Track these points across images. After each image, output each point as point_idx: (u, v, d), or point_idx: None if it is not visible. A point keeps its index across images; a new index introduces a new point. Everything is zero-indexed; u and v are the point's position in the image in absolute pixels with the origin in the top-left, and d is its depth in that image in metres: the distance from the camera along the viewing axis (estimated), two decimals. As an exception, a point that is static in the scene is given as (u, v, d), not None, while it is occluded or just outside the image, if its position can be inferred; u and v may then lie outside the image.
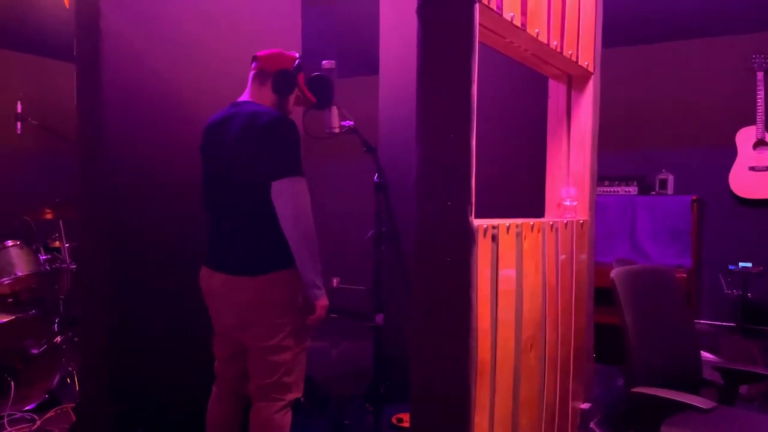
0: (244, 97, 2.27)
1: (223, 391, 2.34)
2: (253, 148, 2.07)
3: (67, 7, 3.46)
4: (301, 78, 2.28)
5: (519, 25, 1.76)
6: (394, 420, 3.12)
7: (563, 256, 2.13)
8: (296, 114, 2.43)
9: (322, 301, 2.16)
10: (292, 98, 2.28)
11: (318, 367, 4.06)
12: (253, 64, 2.27)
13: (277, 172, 2.04)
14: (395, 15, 3.54)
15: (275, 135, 2.08)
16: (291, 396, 2.18)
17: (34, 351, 3.36)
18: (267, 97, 2.23)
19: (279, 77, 2.21)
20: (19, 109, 3.77)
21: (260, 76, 2.24)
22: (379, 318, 2.77)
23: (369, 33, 3.73)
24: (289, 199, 2.04)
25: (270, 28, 3.13)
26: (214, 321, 2.29)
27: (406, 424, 3.07)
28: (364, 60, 4.11)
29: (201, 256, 2.69)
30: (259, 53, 2.26)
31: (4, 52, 5.08)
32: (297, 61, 2.26)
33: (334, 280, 6.17)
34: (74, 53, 2.46)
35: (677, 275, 2.70)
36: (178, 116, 2.70)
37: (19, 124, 3.76)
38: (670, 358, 2.25)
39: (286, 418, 2.18)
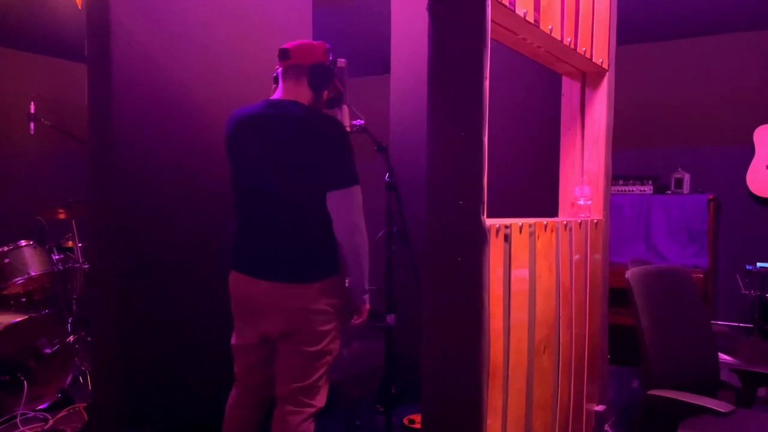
0: (279, 94, 2.12)
1: (245, 397, 2.25)
2: (309, 154, 1.97)
3: (80, 7, 3.47)
4: (336, 69, 2.18)
5: (532, 21, 1.73)
6: (405, 421, 3.10)
7: (577, 257, 2.10)
8: None
9: (366, 306, 2.17)
10: (325, 93, 2.18)
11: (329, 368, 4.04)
12: (284, 59, 2.12)
13: (337, 181, 1.97)
14: (406, 14, 3.52)
15: (334, 142, 1.99)
16: (319, 402, 2.12)
17: (47, 350, 3.37)
18: (304, 94, 2.10)
19: (315, 71, 2.09)
20: (32, 109, 3.79)
21: (295, 71, 2.09)
22: (390, 318, 2.75)
23: (380, 32, 3.71)
24: (350, 209, 1.99)
25: (280, 26, 3.12)
26: (243, 328, 2.18)
27: (418, 426, 3.04)
28: (375, 59, 4.09)
29: (211, 255, 2.69)
30: (289, 45, 2.11)
31: (17, 53, 5.12)
32: (329, 52, 2.13)
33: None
34: (85, 53, 2.46)
35: (694, 276, 2.65)
36: (188, 115, 2.70)
37: (32, 125, 3.78)
38: (688, 360, 2.21)
39: (311, 428, 2.12)
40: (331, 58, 2.14)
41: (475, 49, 1.48)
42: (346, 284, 2.13)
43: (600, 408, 2.40)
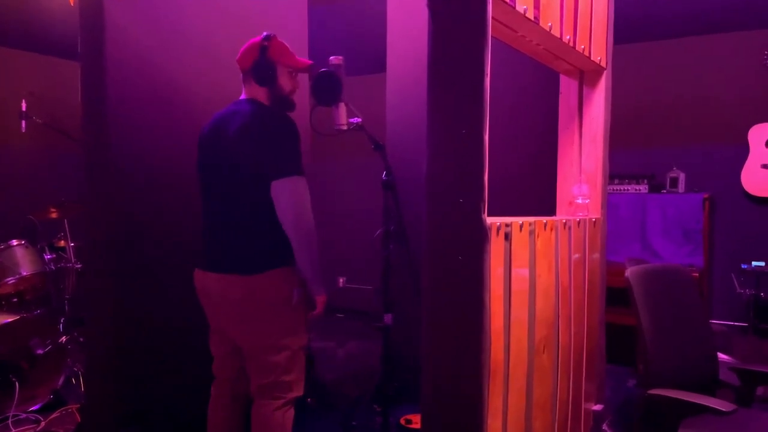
0: (242, 95, 2.24)
1: (221, 393, 2.31)
2: (252, 147, 2.04)
3: (72, 4, 3.44)
4: (277, 53, 2.17)
5: (532, 18, 1.72)
6: (402, 421, 3.08)
7: (577, 255, 2.09)
8: (303, 101, 2.39)
9: (322, 297, 2.17)
10: (282, 80, 2.20)
11: (325, 368, 4.03)
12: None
13: (277, 171, 2.03)
14: (402, 11, 3.50)
15: (275, 134, 2.05)
16: (292, 394, 2.16)
17: (39, 351, 3.33)
18: (259, 93, 2.19)
19: (255, 71, 2.16)
20: (23, 107, 3.75)
21: (245, 77, 2.21)
22: (388, 318, 2.73)
23: (376, 30, 3.70)
24: (290, 198, 2.03)
25: (276, 25, 3.09)
26: (209, 319, 2.27)
27: (415, 426, 3.03)
28: (371, 58, 4.07)
29: (207, 255, 2.66)
30: (237, 56, 2.21)
31: (8, 50, 5.07)
32: (262, 43, 2.15)
33: (341, 280, 6.15)
34: (79, 51, 2.43)
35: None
36: (183, 114, 2.68)
37: (23, 123, 3.75)
38: (687, 360, 2.20)
39: (288, 415, 2.15)
40: (266, 44, 2.14)
41: (476, 47, 1.47)
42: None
43: (598, 407, 2.39)
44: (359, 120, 2.57)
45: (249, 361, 2.17)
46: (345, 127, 2.47)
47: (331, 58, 2.41)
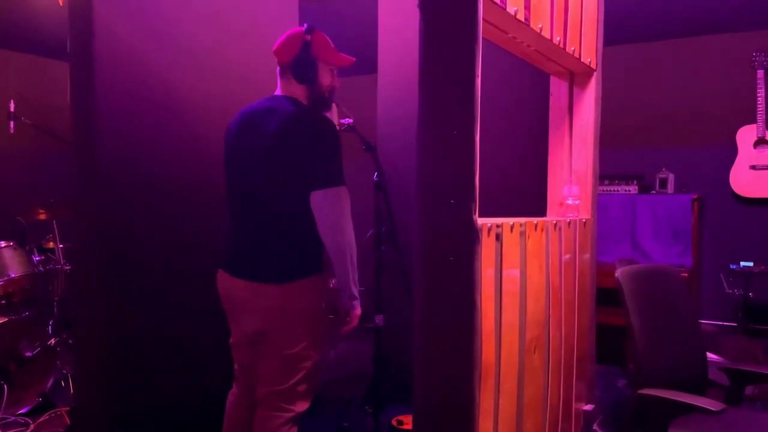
0: (278, 91, 2.12)
1: (242, 396, 2.22)
2: (294, 152, 1.94)
3: (61, 4, 3.41)
4: (320, 49, 2.06)
5: (522, 19, 1.73)
6: (394, 422, 3.08)
7: (567, 256, 2.10)
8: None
9: (358, 310, 2.07)
10: (323, 77, 2.10)
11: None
12: (277, 59, 2.12)
13: (321, 180, 1.93)
14: (394, 13, 3.51)
15: (319, 140, 1.94)
16: (299, 407, 2.08)
17: (28, 353, 3.30)
18: (298, 91, 2.07)
19: (295, 68, 2.04)
20: (12, 108, 3.72)
21: (282, 72, 2.09)
22: (379, 319, 2.74)
23: (367, 31, 3.70)
24: (334, 209, 1.93)
25: (267, 24, 3.09)
26: (233, 327, 2.18)
27: (406, 426, 3.03)
28: (363, 59, 4.07)
29: (197, 256, 2.65)
30: (274, 47, 2.09)
31: (-3, 51, 5.03)
32: (304, 36, 2.03)
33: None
34: (68, 51, 2.41)
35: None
36: (172, 114, 2.66)
37: (12, 123, 3.71)
38: (677, 359, 2.22)
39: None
40: (309, 38, 2.03)
41: (467, 48, 1.47)
42: (331, 287, 2.09)
43: (588, 407, 2.40)
44: (351, 121, 2.57)
45: (269, 366, 2.07)
46: (337, 128, 2.47)
47: (323, 58, 2.40)
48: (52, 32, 4.37)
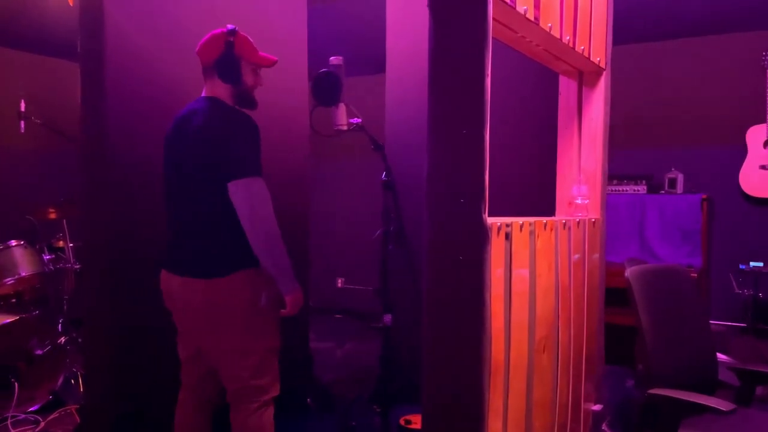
0: (203, 92, 2.17)
1: (187, 397, 2.27)
2: (209, 148, 2.00)
3: (71, 5, 3.43)
4: (242, 48, 2.10)
5: (532, 18, 1.73)
6: (401, 421, 3.08)
7: (577, 256, 2.09)
8: (302, 101, 2.36)
9: (292, 296, 2.08)
10: (246, 77, 2.13)
11: (323, 368, 4.03)
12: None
13: (233, 172, 1.97)
14: (402, 12, 3.51)
15: (231, 134, 2.00)
16: (266, 396, 2.12)
17: (38, 352, 3.33)
18: (221, 90, 2.12)
19: (219, 67, 2.08)
20: (22, 107, 3.75)
21: (207, 72, 2.14)
22: (387, 318, 2.73)
23: (375, 31, 3.70)
24: (246, 199, 1.97)
25: (275, 26, 3.10)
26: (177, 325, 2.23)
27: (414, 426, 3.03)
28: (371, 58, 4.07)
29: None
30: (197, 48, 2.14)
31: (7, 50, 5.07)
32: (227, 37, 2.07)
33: (339, 281, 6.15)
34: (78, 51, 2.43)
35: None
36: (183, 114, 2.67)
37: (22, 123, 3.74)
38: (687, 359, 2.21)
39: (265, 417, 2.11)
40: (232, 39, 2.07)
41: (477, 47, 1.47)
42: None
43: (597, 407, 2.40)
44: (359, 120, 2.57)
45: (218, 367, 2.13)
46: (345, 128, 2.47)
47: (331, 58, 2.42)
48: (62, 33, 4.40)
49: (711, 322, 4.37)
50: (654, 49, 4.75)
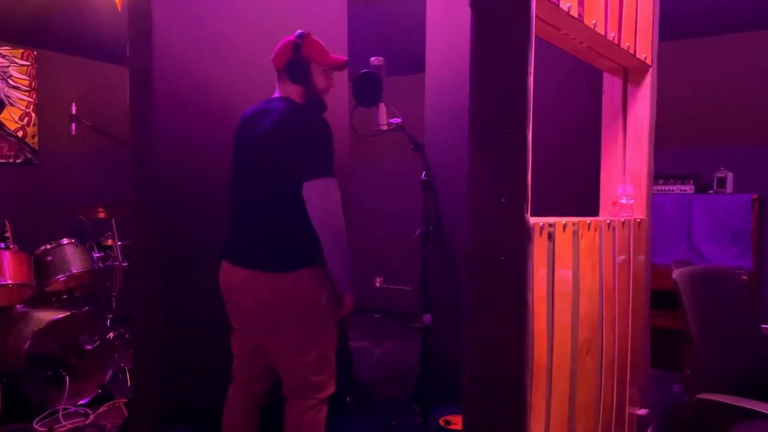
0: (276, 93, 2.24)
1: (238, 393, 2.31)
2: (284, 147, 2.05)
3: (119, 10, 3.54)
4: (311, 50, 2.18)
5: (576, 15, 1.70)
6: (441, 422, 3.07)
7: (622, 257, 2.05)
8: (343, 101, 2.38)
9: (350, 296, 2.17)
10: (316, 78, 2.20)
11: (362, 368, 4.05)
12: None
13: (309, 173, 2.02)
14: (442, 12, 3.50)
15: (307, 134, 2.05)
16: (323, 394, 2.16)
17: (88, 347, 3.44)
18: (293, 91, 2.19)
19: (289, 69, 2.16)
20: (73, 110, 3.88)
21: (278, 75, 2.22)
22: (427, 318, 2.73)
23: (415, 31, 3.70)
24: (321, 200, 2.02)
25: (316, 27, 3.12)
26: (232, 317, 2.27)
27: (454, 427, 3.01)
28: (410, 58, 4.07)
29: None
30: (272, 55, 2.23)
31: (60, 55, 5.25)
32: (296, 41, 2.15)
33: (378, 280, 6.17)
34: (127, 55, 2.50)
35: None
36: (225, 118, 2.72)
37: (73, 126, 3.87)
38: (737, 364, 2.14)
39: (319, 415, 2.15)
40: (300, 41, 2.13)
41: (520, 46, 1.45)
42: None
43: (642, 412, 2.34)
44: (399, 120, 2.58)
45: (278, 362, 2.17)
46: (385, 128, 2.48)
47: (372, 59, 2.43)
48: (110, 37, 4.54)
49: (762, 326, 4.22)
50: (702, 45, 4.62)
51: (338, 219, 2.06)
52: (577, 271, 1.75)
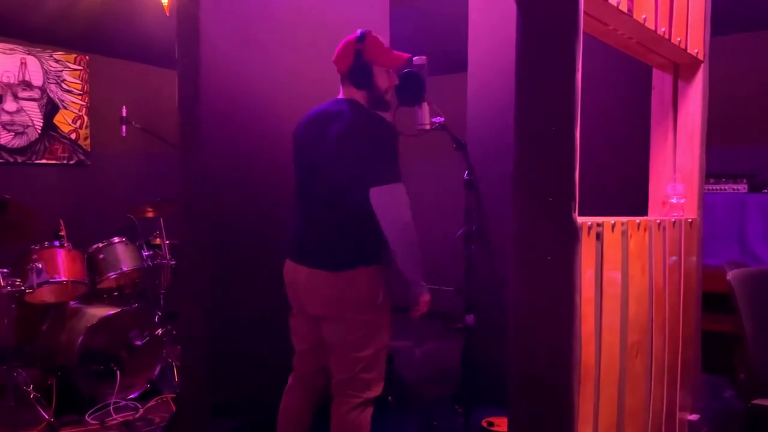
0: (340, 94, 2.26)
1: (299, 383, 2.37)
2: (353, 152, 2.08)
3: (167, 14, 3.63)
4: (372, 54, 2.17)
5: (625, 10, 1.66)
6: (484, 423, 3.05)
7: (673, 258, 1.99)
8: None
9: (425, 297, 2.23)
10: (379, 80, 2.21)
11: (404, 367, 4.05)
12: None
13: (377, 179, 2.04)
14: (484, 10, 3.46)
15: (375, 140, 2.08)
16: (369, 394, 2.18)
17: (138, 342, 3.54)
18: (358, 95, 2.21)
19: (352, 75, 2.18)
20: (124, 113, 4.00)
21: (342, 78, 2.24)
22: (470, 318, 2.71)
23: (457, 29, 3.67)
24: (390, 206, 2.05)
25: (358, 26, 3.13)
26: (295, 314, 2.32)
27: (497, 428, 2.98)
28: (452, 57, 4.05)
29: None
30: (334, 57, 2.24)
31: (111, 60, 5.42)
32: (356, 44, 2.15)
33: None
34: (176, 59, 2.56)
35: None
36: (271, 119, 2.77)
37: (124, 128, 4.00)
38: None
39: (364, 416, 2.17)
40: (361, 47, 2.14)
41: (568, 42, 1.43)
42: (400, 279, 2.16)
43: (693, 417, 2.27)
44: (442, 119, 2.56)
45: (332, 356, 2.21)
46: (428, 127, 2.47)
47: (415, 58, 2.42)
48: (158, 42, 4.66)
49: (821, 331, 4.04)
50: (755, 40, 4.45)
51: (409, 224, 2.08)
52: (626, 272, 1.71)
